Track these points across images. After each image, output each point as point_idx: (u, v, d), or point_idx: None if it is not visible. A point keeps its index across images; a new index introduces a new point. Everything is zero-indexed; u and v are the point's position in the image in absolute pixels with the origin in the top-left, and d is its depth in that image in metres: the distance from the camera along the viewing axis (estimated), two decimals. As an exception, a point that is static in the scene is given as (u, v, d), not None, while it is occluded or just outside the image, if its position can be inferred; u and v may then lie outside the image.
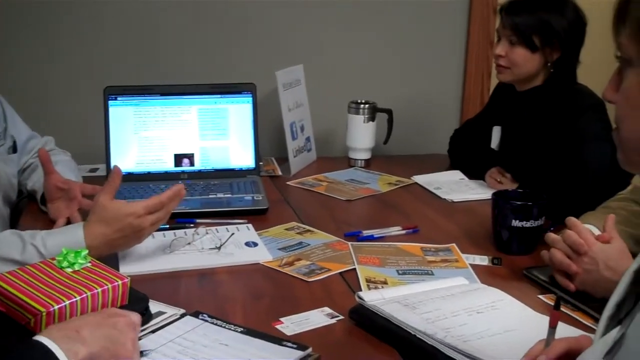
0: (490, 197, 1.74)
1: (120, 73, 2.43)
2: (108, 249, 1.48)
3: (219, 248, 1.64)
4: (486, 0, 2.63)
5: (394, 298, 1.35)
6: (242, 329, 1.26)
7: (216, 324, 1.28)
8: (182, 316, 1.31)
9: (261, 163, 2.27)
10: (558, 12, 1.97)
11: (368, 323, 1.30)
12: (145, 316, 1.28)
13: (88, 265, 1.27)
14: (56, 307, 1.14)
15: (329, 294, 1.46)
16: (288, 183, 2.22)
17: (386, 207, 2.04)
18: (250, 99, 2.16)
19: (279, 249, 1.67)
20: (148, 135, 2.11)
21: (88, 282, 1.22)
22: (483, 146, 2.27)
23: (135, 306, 1.26)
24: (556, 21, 1.97)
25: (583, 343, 1.05)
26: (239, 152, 2.16)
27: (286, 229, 1.81)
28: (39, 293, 1.16)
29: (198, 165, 2.13)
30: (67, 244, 1.37)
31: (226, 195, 1.99)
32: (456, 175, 2.31)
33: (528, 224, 1.64)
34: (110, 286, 1.22)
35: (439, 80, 2.70)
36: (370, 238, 1.76)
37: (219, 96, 2.15)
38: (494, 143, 2.23)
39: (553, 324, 1.06)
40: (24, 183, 1.96)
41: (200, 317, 1.30)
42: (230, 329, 1.26)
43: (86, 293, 1.19)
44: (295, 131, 2.36)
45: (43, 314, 1.13)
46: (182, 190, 1.55)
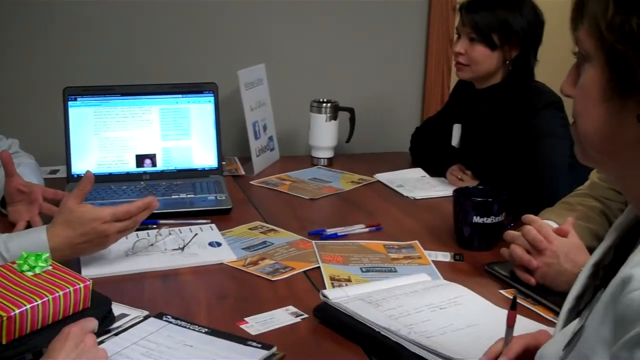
0: (451, 194, 1.76)
1: (80, 73, 2.39)
2: (71, 253, 1.47)
3: (183, 249, 1.63)
4: (445, -2, 2.66)
5: (358, 295, 1.36)
6: (207, 330, 1.26)
7: (180, 325, 1.28)
8: (146, 318, 1.31)
9: (224, 163, 2.26)
10: (517, 11, 2.00)
11: (332, 321, 1.31)
12: (108, 319, 1.27)
13: (49, 268, 1.26)
14: (17, 312, 1.12)
15: (294, 293, 1.46)
16: (251, 182, 2.22)
17: (349, 206, 2.05)
18: (212, 99, 2.16)
19: (243, 249, 1.67)
20: (109, 136, 2.09)
21: (49, 286, 1.20)
22: (444, 144, 2.29)
23: (97, 309, 1.25)
24: (515, 20, 2.00)
25: (541, 338, 1.07)
26: (202, 152, 2.15)
27: (250, 229, 1.81)
28: (0, 298, 1.15)
29: (160, 165, 2.12)
30: (30, 247, 1.35)
31: (189, 195, 1.98)
32: (418, 172, 2.33)
33: (489, 220, 1.66)
34: (72, 289, 1.21)
35: (400, 78, 2.72)
36: (333, 236, 1.76)
37: (181, 96, 2.14)
38: (455, 140, 2.26)
39: (511, 324, 1.07)
40: None
41: (164, 319, 1.30)
42: (194, 330, 1.26)
43: (47, 297, 1.17)
44: (257, 130, 2.36)
45: (4, 319, 1.11)
46: (154, 202, 1.54)
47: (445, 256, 1.66)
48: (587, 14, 0.84)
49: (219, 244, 1.68)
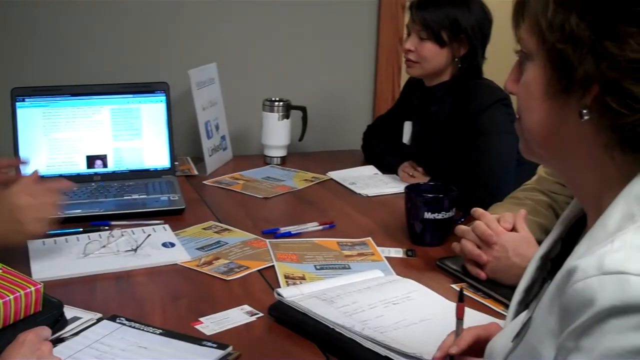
0: (403, 191, 1.78)
1: (28, 74, 2.35)
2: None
3: (136, 250, 1.62)
4: (395, -3, 2.68)
5: (312, 293, 1.37)
6: (161, 331, 1.26)
7: (134, 327, 1.27)
8: (99, 320, 1.30)
9: (176, 163, 2.25)
10: (465, 9, 2.04)
11: (287, 319, 1.32)
12: (60, 322, 1.25)
13: (-1, 272, 1.24)
14: (-34, 317, 1.11)
15: (248, 292, 1.46)
16: (204, 182, 2.21)
17: (303, 204, 2.06)
18: (163, 99, 2.14)
19: (197, 249, 1.67)
20: (58, 137, 2.06)
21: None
22: (395, 141, 2.32)
23: (49, 313, 1.23)
24: (463, 17, 2.03)
25: (492, 330, 1.10)
26: (154, 152, 2.13)
27: (204, 229, 1.80)
28: (-52, 303, 1.13)
29: (111, 166, 2.10)
30: None
31: (141, 196, 1.97)
32: (370, 170, 2.35)
33: (440, 216, 1.69)
34: (22, 293, 1.20)
35: (352, 76, 2.74)
36: (287, 235, 1.77)
37: (131, 96, 2.12)
38: (406, 138, 2.28)
39: (460, 316, 1.09)
40: None
41: (117, 321, 1.29)
42: (148, 332, 1.26)
43: (-2, 301, 1.16)
44: (210, 130, 2.35)
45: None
46: (66, 183, 1.58)
47: (397, 252, 1.68)
48: (528, 13, 0.86)
49: (173, 245, 1.67)
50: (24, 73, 2.36)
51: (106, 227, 1.75)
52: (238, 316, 1.35)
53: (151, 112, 2.13)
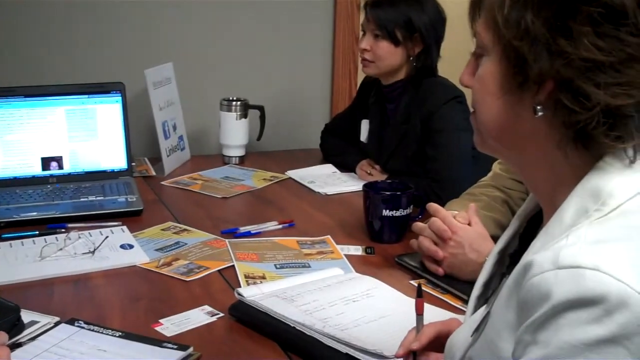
0: (361, 189, 1.79)
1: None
2: None
3: (93, 252, 1.60)
4: (351, -4, 2.70)
5: (273, 292, 1.37)
6: (121, 333, 1.25)
7: (93, 330, 1.26)
8: (57, 324, 1.28)
9: (134, 164, 2.23)
10: (419, 8, 2.06)
11: (248, 319, 1.32)
12: (17, 327, 1.24)
13: (-47, 277, 1.22)
14: None
15: (209, 292, 1.46)
16: (162, 183, 2.20)
17: (262, 203, 2.06)
18: (119, 99, 2.12)
19: (156, 250, 1.66)
20: (12, 139, 2.02)
21: (-46, 296, 1.17)
22: (353, 139, 2.33)
23: (5, 317, 1.22)
24: (417, 16, 2.05)
25: (452, 325, 1.11)
26: (110, 153, 2.11)
27: (162, 229, 1.79)
28: None
29: (67, 168, 2.07)
30: None
31: (98, 197, 1.95)
32: (328, 168, 2.37)
33: (398, 213, 1.70)
34: (-22, 298, 1.18)
35: (309, 75, 2.75)
36: (247, 234, 1.77)
37: (87, 96, 2.09)
38: (363, 136, 2.30)
39: (420, 311, 1.10)
40: None
41: (76, 324, 1.27)
42: (108, 334, 1.25)
43: (-48, 307, 1.14)
44: (167, 130, 2.33)
45: None
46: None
47: (357, 250, 1.69)
48: (485, 8, 0.86)
49: (131, 246, 1.66)
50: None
51: (63, 230, 1.73)
52: (198, 317, 1.35)
53: (107, 113, 2.11)
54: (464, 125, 1.96)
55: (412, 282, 1.52)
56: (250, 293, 1.36)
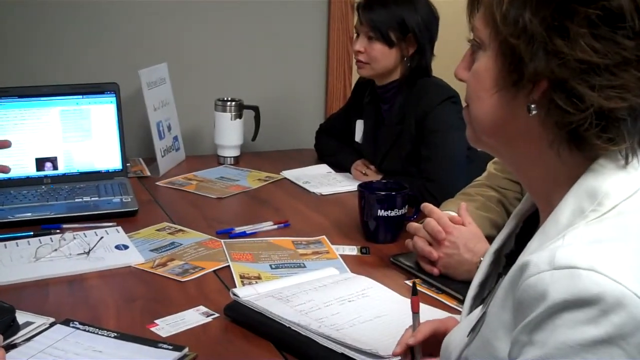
0: (356, 189, 1.79)
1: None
2: None
3: (88, 253, 1.60)
4: (344, -3, 2.70)
5: (268, 292, 1.37)
6: (116, 334, 1.25)
7: (88, 331, 1.26)
8: (52, 325, 1.28)
9: (128, 164, 2.23)
10: (411, 8, 2.06)
11: (243, 319, 1.32)
12: (12, 328, 1.23)
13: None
14: None
15: (204, 293, 1.46)
16: (157, 183, 2.20)
17: (257, 203, 2.06)
18: (113, 99, 2.12)
19: (151, 250, 1.65)
20: (6, 139, 2.01)
21: (-51, 297, 1.16)
22: (347, 140, 2.34)
23: (0, 318, 1.21)
24: (410, 16, 2.05)
25: (448, 324, 1.11)
26: (105, 154, 2.11)
27: (157, 230, 1.79)
28: None
29: (62, 168, 2.07)
30: None
31: (93, 198, 1.94)
32: (323, 168, 2.37)
33: (393, 213, 1.71)
34: (-27, 299, 1.18)
35: (303, 76, 2.75)
36: (242, 235, 1.77)
37: (81, 97, 2.09)
38: (358, 136, 2.30)
39: (415, 309, 1.11)
40: None
41: (71, 325, 1.27)
42: (103, 335, 1.24)
43: (-53, 308, 1.13)
44: (162, 130, 2.33)
45: None
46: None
47: (352, 250, 1.70)
48: (484, 3, 0.86)
49: (126, 247, 1.66)
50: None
51: (57, 231, 1.73)
52: (194, 317, 1.35)
53: (101, 113, 2.11)
54: (459, 125, 1.94)
55: (407, 282, 1.52)
56: (245, 293, 1.36)
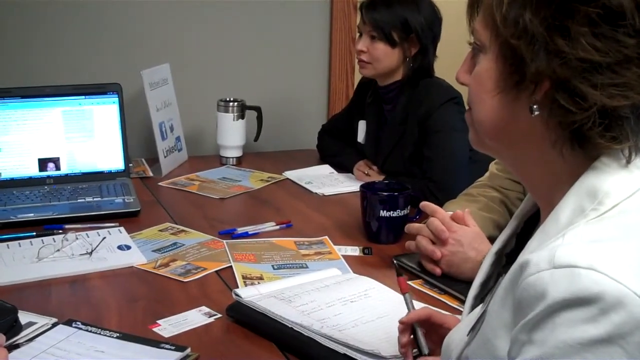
0: (359, 190, 1.79)
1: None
2: None
3: (91, 253, 1.60)
4: (347, -3, 2.70)
5: (270, 293, 1.37)
6: (118, 334, 1.25)
7: (91, 331, 1.26)
8: (54, 325, 1.28)
9: (131, 164, 2.23)
10: (414, 8, 2.06)
11: (246, 319, 1.32)
12: (14, 328, 1.24)
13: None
14: None
15: (206, 293, 1.46)
16: (160, 184, 2.20)
17: (259, 204, 2.06)
18: (116, 100, 2.12)
19: (153, 251, 1.66)
20: (9, 140, 2.02)
21: (-49, 297, 1.17)
22: (350, 140, 2.34)
23: (3, 318, 1.21)
24: (413, 17, 2.05)
25: (449, 320, 1.12)
26: (107, 154, 2.11)
27: (160, 230, 1.79)
28: None
29: (65, 169, 2.07)
30: None
31: (96, 198, 1.95)
32: (326, 169, 2.37)
33: (395, 214, 1.71)
34: (-25, 299, 1.18)
35: (306, 76, 2.75)
36: (244, 235, 1.77)
37: (84, 97, 2.09)
38: (360, 137, 2.30)
39: (405, 290, 1.12)
40: None
41: (73, 325, 1.27)
42: (105, 335, 1.25)
43: (-50, 308, 1.14)
44: (164, 131, 2.33)
45: None
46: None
47: (354, 250, 1.70)
48: (483, 5, 0.86)
49: (129, 247, 1.66)
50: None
51: (60, 231, 1.73)
52: (196, 318, 1.35)
53: (104, 114, 2.11)
54: (461, 126, 1.93)
55: (410, 283, 1.50)
56: (247, 294, 1.36)
